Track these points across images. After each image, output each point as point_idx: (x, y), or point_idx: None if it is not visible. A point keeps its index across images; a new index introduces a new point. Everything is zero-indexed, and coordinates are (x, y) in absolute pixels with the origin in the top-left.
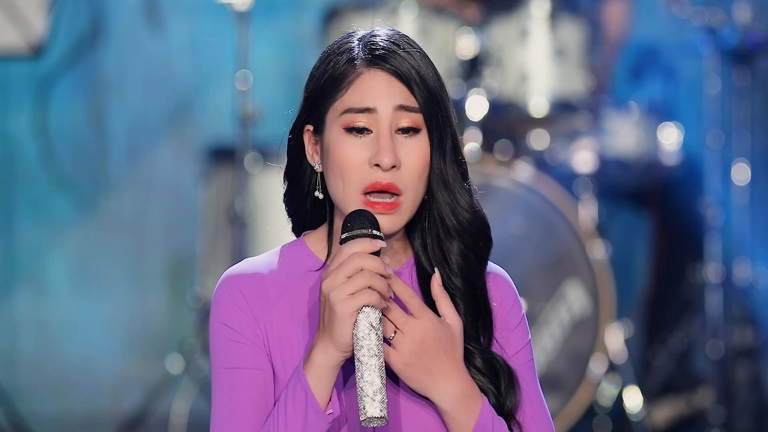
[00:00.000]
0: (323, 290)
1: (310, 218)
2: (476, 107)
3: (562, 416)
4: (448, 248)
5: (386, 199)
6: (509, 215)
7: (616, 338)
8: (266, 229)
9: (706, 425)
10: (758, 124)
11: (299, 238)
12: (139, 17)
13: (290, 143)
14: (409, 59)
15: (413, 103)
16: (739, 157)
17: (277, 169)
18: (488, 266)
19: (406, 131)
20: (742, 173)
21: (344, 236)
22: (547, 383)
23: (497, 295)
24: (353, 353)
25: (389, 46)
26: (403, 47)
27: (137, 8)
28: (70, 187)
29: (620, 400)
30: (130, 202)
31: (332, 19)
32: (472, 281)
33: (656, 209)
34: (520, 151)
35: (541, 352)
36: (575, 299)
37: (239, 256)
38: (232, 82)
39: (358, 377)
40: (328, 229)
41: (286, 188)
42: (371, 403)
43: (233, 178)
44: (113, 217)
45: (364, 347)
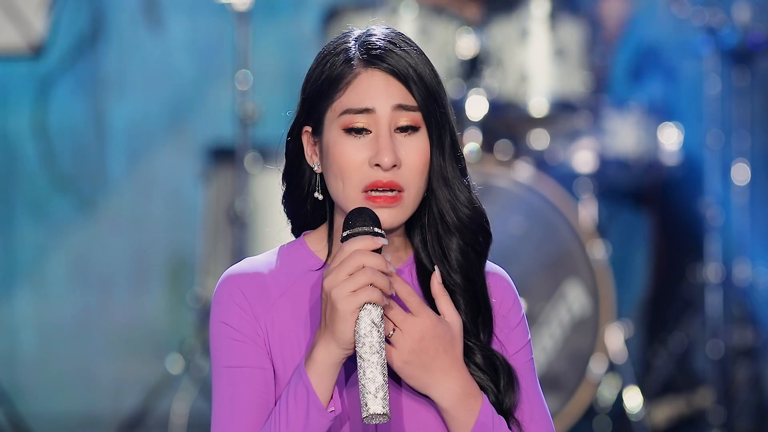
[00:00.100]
0: (325, 287)
1: (310, 219)
2: (476, 107)
3: (562, 416)
4: (447, 245)
5: (388, 193)
6: (509, 215)
7: (616, 338)
8: (266, 229)
9: (706, 425)
10: (758, 124)
11: (299, 237)
12: (139, 17)
13: (289, 145)
14: (406, 57)
15: (411, 101)
16: (739, 157)
17: (276, 169)
18: (488, 266)
19: (405, 130)
20: (742, 173)
21: (346, 234)
22: (547, 383)
23: (497, 294)
24: (355, 350)
25: (386, 45)
26: (399, 45)
27: (137, 8)
28: (70, 187)
29: (620, 400)
30: (130, 202)
31: (332, 19)
32: (471, 278)
33: (656, 209)
34: (520, 151)
35: (541, 352)
36: (575, 299)
37: (239, 256)
38: (232, 82)
39: (360, 374)
40: (328, 228)
41: (285, 190)
42: (373, 400)
43: (233, 178)
44: (113, 217)
45: (366, 344)
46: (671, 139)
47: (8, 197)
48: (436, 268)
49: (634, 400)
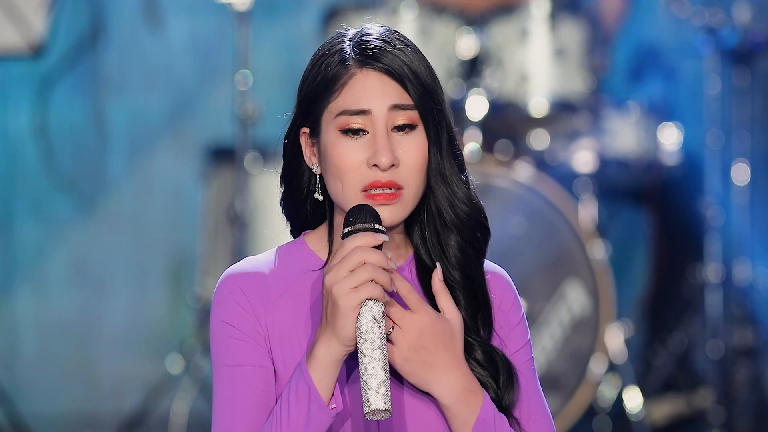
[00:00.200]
0: (326, 284)
1: (310, 219)
2: (476, 107)
3: (562, 416)
4: (445, 241)
5: (387, 191)
6: (509, 215)
7: (616, 338)
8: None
9: (706, 425)
10: (758, 124)
11: (299, 237)
12: (139, 17)
13: (286, 147)
14: (400, 56)
15: (407, 100)
16: (739, 157)
17: (275, 171)
18: (488, 265)
19: (402, 129)
20: (742, 173)
21: (346, 230)
22: (547, 383)
23: (497, 293)
24: (356, 347)
25: (380, 44)
26: (394, 44)
27: (137, 8)
28: (70, 187)
29: (620, 400)
30: (130, 202)
31: (332, 19)
32: (470, 274)
33: (656, 209)
34: (520, 151)
35: (541, 352)
36: (575, 299)
37: (239, 256)
38: (232, 82)
39: (361, 370)
40: (328, 228)
41: (283, 192)
42: (375, 395)
43: (233, 178)
44: (113, 216)
45: (367, 340)
46: (671, 139)
47: (8, 197)
48: (437, 264)
49: (634, 400)
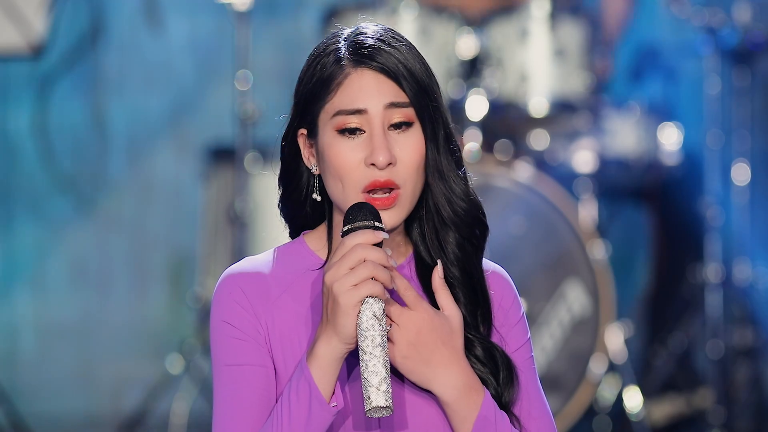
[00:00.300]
0: (326, 282)
1: (310, 220)
2: (476, 107)
3: (562, 416)
4: (444, 238)
5: (384, 194)
6: (509, 215)
7: (616, 338)
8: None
9: (706, 425)
10: (758, 124)
11: (299, 237)
12: (139, 17)
13: (284, 149)
14: (395, 54)
15: (403, 98)
16: (739, 157)
17: (273, 173)
18: (487, 264)
19: (398, 126)
20: (742, 173)
21: (346, 228)
22: (547, 383)
23: (496, 292)
24: (357, 345)
25: (375, 43)
26: (388, 42)
27: (137, 8)
28: (69, 187)
29: (620, 400)
30: (130, 202)
31: (332, 19)
32: (469, 271)
33: (656, 209)
34: (520, 151)
35: (541, 352)
36: (575, 299)
37: (239, 256)
38: (232, 82)
39: (362, 368)
40: (327, 228)
41: (281, 194)
42: (376, 392)
43: (233, 178)
44: (113, 217)
45: (368, 338)
46: (671, 139)
47: (8, 197)
48: (438, 262)
49: (634, 399)
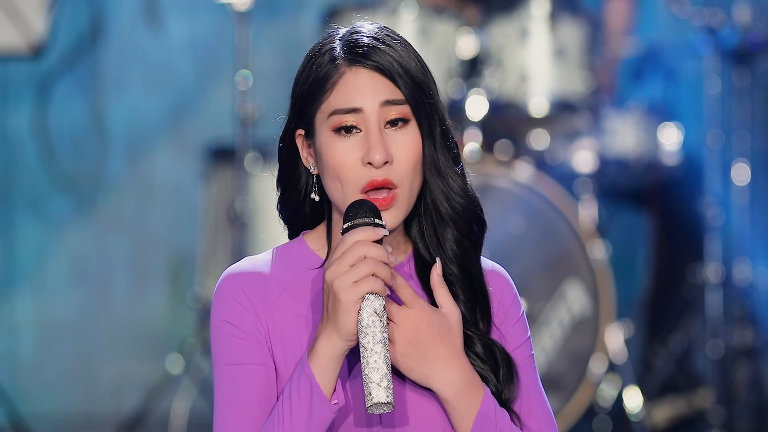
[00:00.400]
0: (326, 278)
1: (309, 220)
2: (476, 107)
3: (562, 416)
4: (442, 235)
5: (381, 195)
6: (509, 215)
7: (616, 338)
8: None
9: (706, 425)
10: (758, 124)
11: (298, 237)
12: (139, 17)
13: (282, 150)
14: (390, 52)
15: (398, 95)
16: (739, 157)
17: (271, 174)
18: (486, 263)
19: (394, 123)
20: (742, 173)
21: (346, 225)
22: (547, 383)
23: (496, 291)
24: (357, 342)
25: (369, 41)
26: (383, 40)
27: (137, 8)
28: (69, 187)
29: (620, 400)
30: (130, 202)
31: (332, 19)
32: (467, 267)
33: (656, 209)
34: (520, 151)
35: (541, 352)
36: (575, 299)
37: (239, 256)
38: (232, 82)
39: (363, 364)
40: (327, 227)
41: (280, 195)
42: (377, 389)
43: (233, 178)
44: (113, 217)
45: (369, 334)
46: (671, 139)
47: (8, 197)
48: (437, 260)
49: (634, 400)
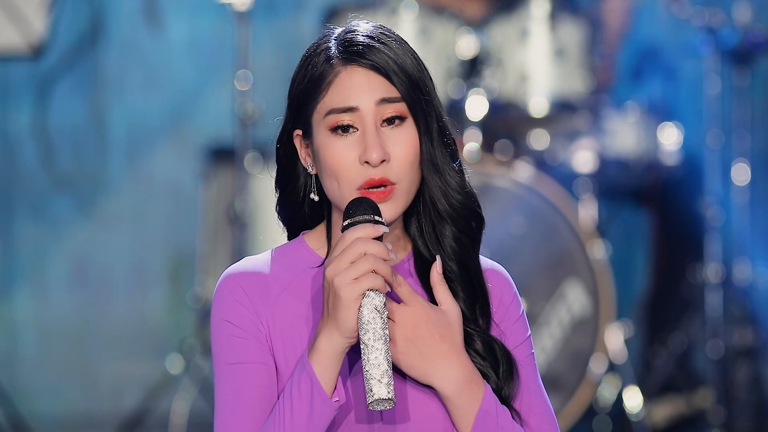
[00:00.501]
0: (327, 276)
1: (308, 221)
2: (476, 107)
3: (562, 416)
4: (441, 232)
5: (380, 189)
6: (509, 215)
7: (616, 338)
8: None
9: (706, 425)
10: (758, 124)
11: (298, 237)
12: (139, 17)
13: (280, 151)
14: (385, 50)
15: (394, 93)
16: (739, 157)
17: (270, 176)
18: (486, 262)
19: (391, 121)
20: (742, 173)
21: (346, 223)
22: (547, 383)
23: (496, 289)
24: (358, 339)
25: (364, 40)
26: (378, 39)
27: (137, 8)
28: (70, 187)
29: (620, 400)
30: (130, 202)
31: (332, 19)
32: (466, 264)
33: (656, 209)
34: (520, 151)
35: (541, 352)
36: (575, 299)
37: (239, 256)
38: (232, 82)
39: (364, 361)
40: (326, 226)
41: (279, 196)
42: (378, 385)
43: (233, 178)
44: (113, 216)
45: (369, 331)
46: (671, 139)
47: (8, 197)
48: (437, 257)
49: (634, 400)
